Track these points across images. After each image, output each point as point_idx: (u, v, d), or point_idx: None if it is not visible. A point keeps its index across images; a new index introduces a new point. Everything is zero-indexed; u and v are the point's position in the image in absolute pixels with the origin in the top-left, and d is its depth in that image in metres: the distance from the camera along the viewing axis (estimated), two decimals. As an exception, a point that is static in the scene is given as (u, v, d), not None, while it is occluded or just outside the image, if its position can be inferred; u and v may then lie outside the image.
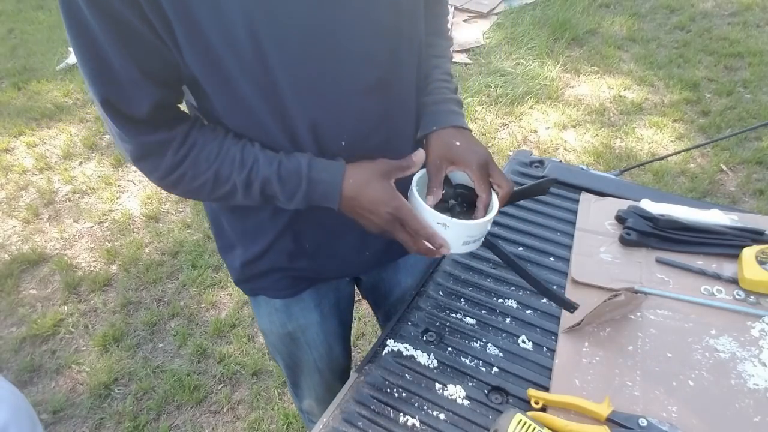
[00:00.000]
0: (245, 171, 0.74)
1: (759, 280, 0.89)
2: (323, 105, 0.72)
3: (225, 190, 0.76)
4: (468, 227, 0.76)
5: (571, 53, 3.57)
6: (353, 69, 0.71)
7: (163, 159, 0.73)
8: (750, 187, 2.50)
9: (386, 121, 0.79)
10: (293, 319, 1.02)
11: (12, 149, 3.12)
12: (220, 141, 0.74)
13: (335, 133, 0.76)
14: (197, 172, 0.74)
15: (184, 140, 0.73)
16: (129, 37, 0.63)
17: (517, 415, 0.71)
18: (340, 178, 0.75)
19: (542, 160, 1.26)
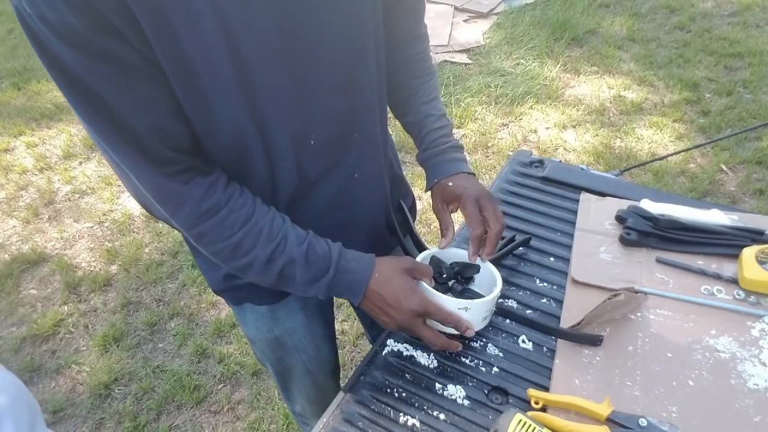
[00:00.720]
0: (270, 246, 0.71)
1: (759, 280, 0.89)
2: (294, 104, 0.70)
3: (242, 263, 0.72)
4: (486, 304, 0.80)
5: (571, 53, 3.57)
6: (322, 69, 0.70)
7: (182, 207, 0.68)
8: (750, 187, 2.50)
9: (353, 119, 0.79)
10: (279, 324, 1.01)
11: (12, 149, 3.12)
12: (248, 209, 0.71)
13: (305, 132, 0.74)
14: (219, 235, 0.70)
15: (206, 196, 0.68)
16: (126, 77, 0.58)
17: (517, 415, 0.71)
18: (369, 271, 0.75)
19: (542, 160, 1.26)
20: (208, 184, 0.68)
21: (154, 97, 0.61)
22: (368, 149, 0.84)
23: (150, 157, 0.63)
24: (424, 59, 0.95)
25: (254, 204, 0.72)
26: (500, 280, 0.84)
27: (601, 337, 0.84)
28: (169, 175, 0.66)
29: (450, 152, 0.93)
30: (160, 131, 0.63)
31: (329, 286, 0.75)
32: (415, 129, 0.95)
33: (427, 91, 0.94)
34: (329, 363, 1.17)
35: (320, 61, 0.70)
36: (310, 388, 1.18)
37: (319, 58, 0.69)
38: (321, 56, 0.69)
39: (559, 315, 0.91)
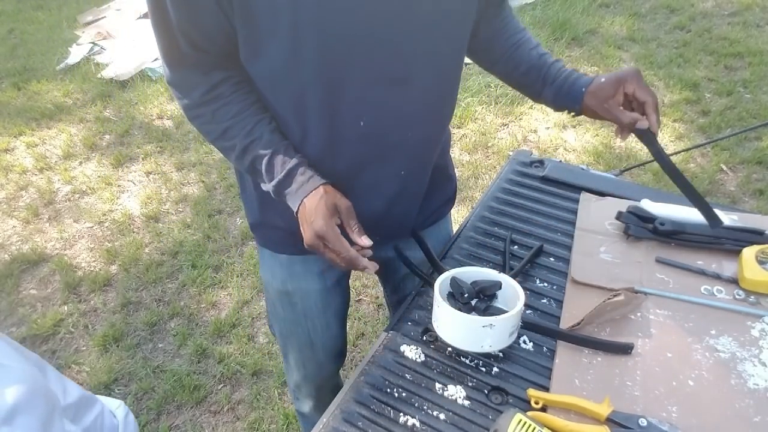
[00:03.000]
0: (247, 140, 0.82)
1: (759, 280, 0.89)
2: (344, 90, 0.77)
3: (226, 145, 0.84)
4: (511, 319, 0.80)
5: (571, 53, 3.57)
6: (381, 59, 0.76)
7: (189, 95, 0.81)
8: (750, 187, 2.50)
9: (412, 117, 0.84)
10: (294, 279, 1.05)
11: (12, 149, 3.12)
12: (242, 106, 0.81)
13: (353, 116, 0.80)
14: (212, 120, 0.82)
15: (212, 89, 0.80)
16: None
17: (517, 415, 0.71)
18: (312, 187, 0.81)
19: (542, 160, 1.26)
20: (222, 78, 0.80)
21: (191, 13, 0.71)
22: (421, 151, 0.90)
23: (175, 49, 0.75)
24: (514, 20, 1.02)
25: (250, 105, 0.82)
26: (522, 294, 0.84)
27: (631, 345, 0.83)
28: (189, 64, 0.78)
29: (577, 73, 0.96)
30: (186, 34, 0.73)
31: (277, 186, 0.83)
32: (532, 72, 0.98)
33: (531, 41, 1.00)
34: (335, 342, 1.18)
35: (399, 54, 0.76)
36: (310, 362, 1.18)
37: (401, 52, 0.75)
38: (404, 50, 0.75)
39: (559, 315, 0.91)
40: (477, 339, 0.81)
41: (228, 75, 0.80)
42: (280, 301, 1.09)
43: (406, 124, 0.84)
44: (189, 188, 2.77)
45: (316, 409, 1.34)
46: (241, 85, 0.82)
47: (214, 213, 2.59)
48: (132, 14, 4.23)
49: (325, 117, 0.79)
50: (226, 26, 0.72)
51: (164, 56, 0.78)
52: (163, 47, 0.77)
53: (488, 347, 0.81)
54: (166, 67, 0.80)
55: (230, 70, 0.80)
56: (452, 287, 0.88)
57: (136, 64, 3.70)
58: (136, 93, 3.48)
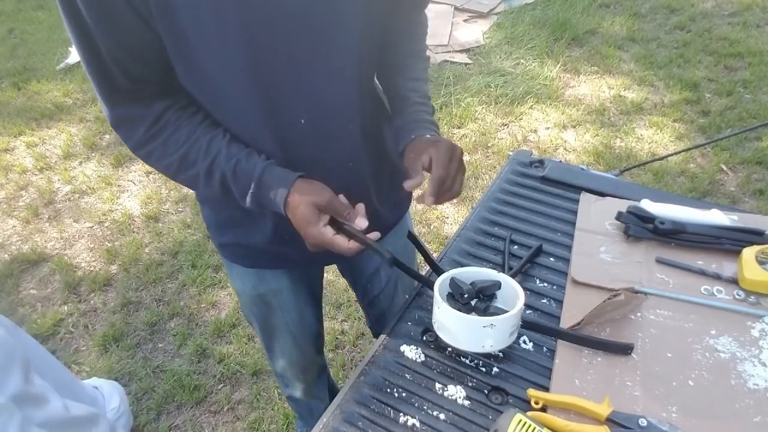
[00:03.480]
0: (208, 160, 0.79)
1: (759, 280, 0.89)
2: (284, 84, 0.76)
3: (190, 174, 0.81)
4: (512, 318, 0.81)
5: (571, 53, 3.57)
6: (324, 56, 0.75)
7: (134, 132, 0.78)
8: (750, 187, 2.50)
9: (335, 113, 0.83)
10: (264, 282, 1.07)
11: (12, 149, 3.12)
12: (192, 127, 0.79)
13: (294, 112, 0.79)
14: (165, 152, 0.79)
15: (157, 120, 0.77)
16: (108, 14, 0.66)
17: (517, 415, 0.71)
18: (285, 194, 0.79)
19: (542, 160, 1.26)
20: (165, 106, 0.78)
21: (120, 39, 0.69)
22: (363, 142, 0.88)
23: (112, 84, 0.73)
24: (419, 40, 0.96)
25: (199, 124, 0.79)
26: (522, 294, 0.84)
27: (631, 346, 0.83)
28: (128, 100, 0.75)
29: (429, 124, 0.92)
30: (119, 63, 0.71)
31: (255, 200, 0.80)
32: (397, 101, 0.94)
33: (416, 71, 0.94)
34: (312, 328, 1.21)
35: (330, 45, 0.74)
36: (293, 350, 1.22)
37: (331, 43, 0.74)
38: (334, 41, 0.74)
39: (559, 315, 0.91)
40: (478, 339, 0.81)
41: (170, 103, 0.78)
42: (254, 302, 1.12)
43: (347, 116, 0.83)
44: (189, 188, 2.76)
45: (306, 392, 1.37)
46: (184, 110, 0.80)
47: (214, 213, 2.59)
48: (132, 14, 4.23)
49: (268, 120, 0.79)
50: (158, 45, 0.70)
51: (101, 94, 0.75)
52: (99, 84, 0.74)
53: (489, 347, 0.81)
54: (106, 107, 0.76)
55: (172, 98, 0.79)
56: (452, 288, 0.88)
57: (136, 64, 3.70)
58: (136, 93, 3.47)
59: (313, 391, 1.38)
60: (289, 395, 1.42)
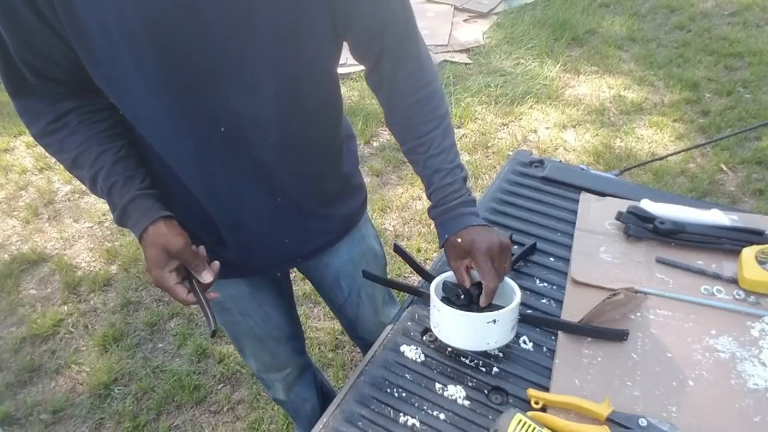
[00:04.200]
0: (93, 170, 0.82)
1: (759, 280, 0.89)
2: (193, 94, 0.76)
3: (80, 174, 0.84)
4: (512, 312, 0.81)
5: (571, 53, 3.57)
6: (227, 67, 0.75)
7: (35, 123, 0.81)
8: (750, 187, 2.50)
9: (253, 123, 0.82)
10: (221, 289, 1.03)
11: (12, 149, 3.12)
12: (88, 135, 0.81)
13: (212, 122, 0.79)
14: (61, 149, 0.82)
15: (59, 118, 0.80)
16: (13, 16, 0.67)
17: (517, 415, 0.71)
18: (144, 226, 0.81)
19: (542, 160, 1.26)
20: (68, 109, 0.80)
21: (24, 41, 0.70)
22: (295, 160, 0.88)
23: (17, 78, 0.75)
24: (428, 100, 0.88)
25: (97, 134, 0.82)
26: (518, 288, 0.84)
27: (626, 332, 0.83)
28: (34, 94, 0.78)
29: (458, 208, 0.89)
30: (26, 64, 0.73)
31: (120, 223, 0.84)
32: (424, 182, 0.92)
33: (435, 143, 0.88)
34: (281, 330, 1.19)
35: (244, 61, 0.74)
36: (263, 353, 1.21)
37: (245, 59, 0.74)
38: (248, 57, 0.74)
39: (559, 315, 0.91)
40: (481, 337, 0.81)
41: (78, 105, 0.80)
42: (216, 310, 1.09)
43: (265, 129, 0.82)
44: (189, 188, 2.76)
45: (288, 391, 1.35)
46: (90, 115, 0.82)
47: (214, 213, 2.58)
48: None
49: (184, 127, 0.79)
50: (67, 51, 0.71)
51: (7, 86, 0.77)
52: (5, 76, 0.76)
53: (493, 344, 0.81)
54: (11, 97, 0.79)
55: (82, 100, 0.80)
56: (445, 291, 0.88)
57: (136, 64, 3.70)
58: (136, 93, 3.48)
59: (295, 390, 1.36)
60: (274, 397, 1.40)
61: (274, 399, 1.42)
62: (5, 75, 0.76)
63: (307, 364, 1.38)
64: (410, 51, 0.87)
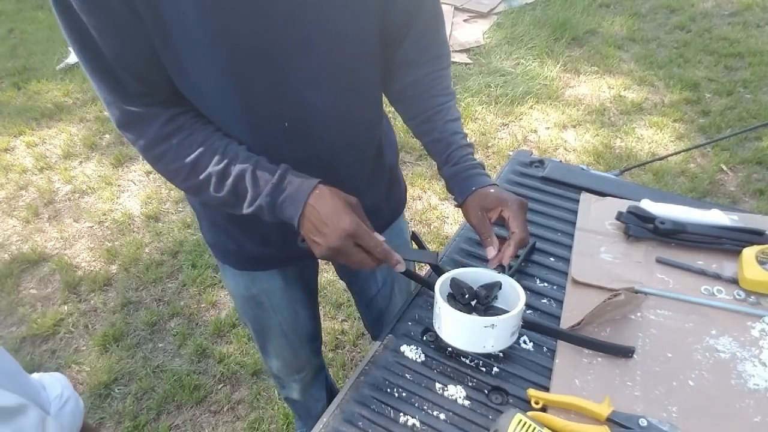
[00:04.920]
0: (223, 163, 0.76)
1: (759, 280, 0.89)
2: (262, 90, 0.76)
3: (198, 181, 0.78)
4: (513, 318, 0.80)
5: (571, 53, 3.57)
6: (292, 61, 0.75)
7: (147, 129, 0.75)
8: (750, 187, 2.50)
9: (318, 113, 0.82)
10: (257, 283, 1.07)
11: (12, 149, 3.12)
12: (206, 134, 0.77)
13: (276, 119, 0.79)
14: (177, 155, 0.76)
15: (172, 120, 0.75)
16: (107, 14, 0.65)
17: (517, 415, 0.71)
18: (311, 186, 0.76)
19: (542, 160, 1.26)
20: (176, 112, 0.76)
21: (123, 40, 0.67)
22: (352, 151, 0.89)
23: (117, 86, 0.71)
24: (446, 78, 0.95)
25: (214, 131, 0.78)
26: (523, 294, 0.84)
27: (633, 349, 0.83)
28: (138, 103, 0.73)
29: (479, 168, 0.92)
30: (126, 66, 0.69)
31: (272, 194, 0.76)
32: (440, 145, 0.93)
33: (451, 110, 0.94)
34: (306, 328, 1.21)
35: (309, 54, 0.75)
36: (286, 350, 1.22)
37: (310, 53, 0.74)
38: (319, 44, 0.74)
39: (560, 315, 0.91)
40: (479, 339, 0.81)
41: (186, 108, 0.77)
42: (247, 303, 1.12)
43: (326, 122, 0.83)
44: (189, 188, 2.76)
45: (302, 392, 1.37)
46: (200, 117, 0.78)
47: (214, 213, 2.59)
48: (132, 14, 4.23)
49: (252, 120, 0.78)
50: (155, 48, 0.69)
51: (112, 96, 0.72)
52: (108, 88, 0.71)
53: (490, 347, 0.81)
54: (115, 108, 0.73)
55: (186, 105, 0.77)
56: (452, 288, 0.88)
57: (136, 64, 3.70)
58: (136, 93, 3.48)
59: (310, 391, 1.38)
60: (286, 396, 1.42)
61: (285, 398, 1.43)
62: (110, 87, 0.71)
63: (321, 365, 1.40)
64: (439, 33, 0.93)
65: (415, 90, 0.93)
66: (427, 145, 0.96)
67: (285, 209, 0.77)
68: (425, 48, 0.91)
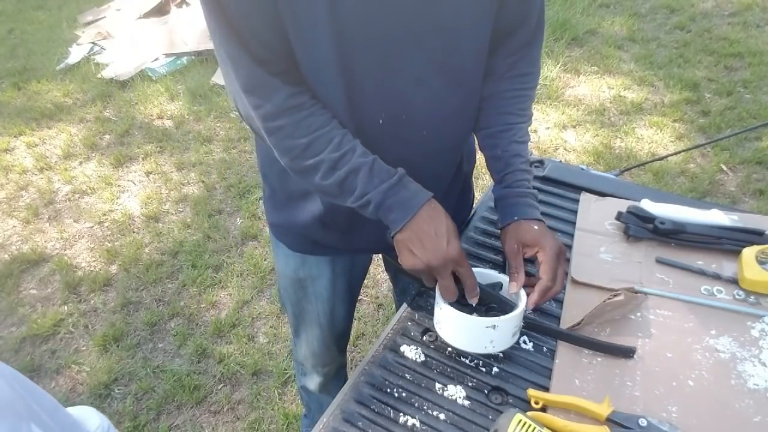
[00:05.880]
0: (338, 153, 0.76)
1: (759, 280, 0.89)
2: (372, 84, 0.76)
3: (309, 164, 0.77)
4: (513, 320, 0.80)
5: (571, 53, 3.57)
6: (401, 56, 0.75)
7: (272, 96, 0.73)
8: (750, 187, 2.50)
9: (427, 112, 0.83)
10: (306, 267, 1.07)
11: (12, 149, 3.12)
12: (325, 119, 0.76)
13: (374, 111, 0.79)
14: (294, 133, 0.75)
15: (294, 96, 0.74)
16: None
17: (517, 415, 0.71)
18: (427, 196, 0.78)
19: (542, 160, 1.26)
20: (298, 89, 0.75)
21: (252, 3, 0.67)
22: (437, 155, 0.89)
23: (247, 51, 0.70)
24: (526, 99, 0.94)
25: (332, 118, 0.77)
26: (525, 295, 0.84)
27: (633, 349, 0.82)
28: (266, 69, 0.72)
29: (531, 197, 0.91)
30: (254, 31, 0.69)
31: (385, 194, 0.76)
32: (499, 164, 0.92)
33: (521, 132, 0.93)
34: (340, 325, 1.21)
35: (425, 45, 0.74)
36: (317, 341, 1.22)
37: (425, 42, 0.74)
38: (429, 41, 0.74)
39: (559, 315, 0.91)
40: (480, 340, 0.81)
41: (304, 89, 0.76)
42: (292, 285, 1.13)
43: (423, 125, 0.83)
44: (189, 188, 2.77)
45: (322, 387, 1.38)
46: (318, 101, 0.77)
47: (214, 213, 2.59)
48: (132, 14, 4.23)
49: (351, 114, 0.78)
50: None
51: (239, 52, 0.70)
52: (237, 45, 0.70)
53: (491, 348, 0.81)
54: (243, 69, 0.72)
55: (304, 86, 0.76)
56: None
57: (136, 64, 3.70)
58: (136, 93, 3.48)
59: (328, 386, 1.38)
60: (303, 385, 1.42)
61: (302, 387, 1.44)
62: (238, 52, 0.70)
63: (344, 363, 1.41)
64: (532, 51, 0.91)
65: (491, 103, 0.92)
66: (488, 160, 0.95)
67: (392, 211, 0.77)
68: (514, 63, 0.90)
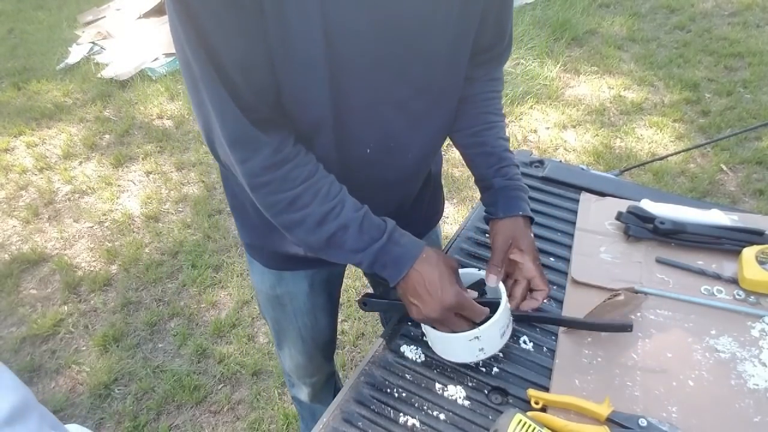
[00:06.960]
0: (326, 206, 0.73)
1: (759, 280, 0.89)
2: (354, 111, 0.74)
3: (293, 218, 0.74)
4: (495, 324, 0.79)
5: (571, 53, 3.57)
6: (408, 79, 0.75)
7: (255, 156, 0.70)
8: (750, 187, 2.50)
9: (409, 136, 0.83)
10: (283, 284, 1.06)
11: (12, 149, 3.12)
12: (312, 168, 0.73)
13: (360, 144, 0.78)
14: (281, 188, 0.72)
15: (277, 150, 0.70)
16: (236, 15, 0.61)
17: (517, 415, 0.71)
18: (419, 250, 0.77)
19: (542, 160, 1.26)
20: (282, 137, 0.71)
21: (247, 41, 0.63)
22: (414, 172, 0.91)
23: (234, 97, 0.65)
24: (499, 100, 0.97)
25: (317, 165, 0.75)
26: (504, 293, 0.83)
27: (630, 323, 0.83)
28: (250, 120, 0.67)
29: (524, 192, 0.93)
30: (246, 71, 0.64)
31: (377, 254, 0.76)
32: (491, 159, 0.93)
33: (503, 130, 0.96)
34: (324, 335, 1.21)
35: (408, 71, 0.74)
36: (301, 354, 1.22)
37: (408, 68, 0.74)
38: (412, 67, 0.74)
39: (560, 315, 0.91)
40: (469, 351, 0.81)
41: (286, 135, 0.72)
42: (270, 302, 1.12)
43: (406, 149, 0.83)
44: (189, 188, 2.77)
45: (312, 396, 1.38)
46: (302, 147, 0.73)
47: (214, 213, 2.59)
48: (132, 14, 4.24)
49: (336, 148, 0.77)
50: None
51: (226, 105, 0.65)
52: (220, 98, 0.65)
53: (483, 355, 0.81)
54: (229, 120, 0.66)
55: (286, 129, 0.72)
56: None
57: (136, 64, 3.70)
58: (136, 93, 3.48)
59: (318, 396, 1.38)
60: (295, 396, 1.42)
61: (293, 397, 1.44)
62: (222, 96, 0.64)
63: (332, 371, 1.40)
64: (502, 60, 0.95)
65: (469, 105, 0.93)
66: (474, 157, 0.95)
67: (386, 268, 0.77)
68: (487, 70, 0.93)
